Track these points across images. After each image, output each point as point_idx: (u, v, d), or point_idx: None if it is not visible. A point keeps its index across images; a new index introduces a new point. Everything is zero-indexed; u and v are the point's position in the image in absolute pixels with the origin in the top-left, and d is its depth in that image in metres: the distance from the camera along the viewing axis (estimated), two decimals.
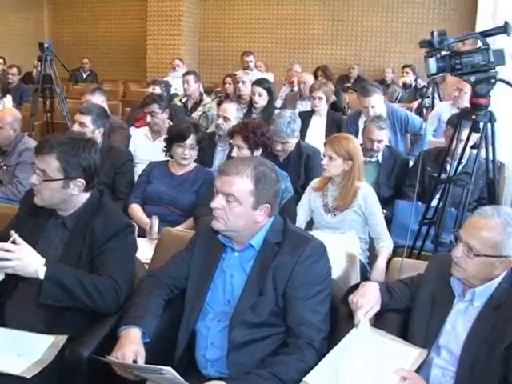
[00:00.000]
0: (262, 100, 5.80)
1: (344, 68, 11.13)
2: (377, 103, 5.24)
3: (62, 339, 2.32)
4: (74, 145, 2.49)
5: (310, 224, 3.78)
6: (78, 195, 2.51)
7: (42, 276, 2.25)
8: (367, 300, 2.27)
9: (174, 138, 3.98)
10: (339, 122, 5.77)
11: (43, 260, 2.29)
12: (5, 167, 4.41)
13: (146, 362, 2.11)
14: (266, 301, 2.19)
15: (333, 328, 2.27)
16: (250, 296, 2.21)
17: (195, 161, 4.05)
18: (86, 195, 2.55)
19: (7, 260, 2.22)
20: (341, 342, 2.17)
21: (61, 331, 2.34)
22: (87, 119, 4.23)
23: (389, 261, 3.29)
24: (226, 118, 4.71)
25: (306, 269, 2.20)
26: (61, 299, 2.31)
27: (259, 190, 2.22)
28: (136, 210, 3.93)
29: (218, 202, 2.22)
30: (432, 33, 3.08)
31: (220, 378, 2.10)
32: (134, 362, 2.09)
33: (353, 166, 3.56)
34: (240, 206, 2.21)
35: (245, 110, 5.88)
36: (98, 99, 5.31)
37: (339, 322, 2.32)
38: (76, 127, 4.21)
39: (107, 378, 2.14)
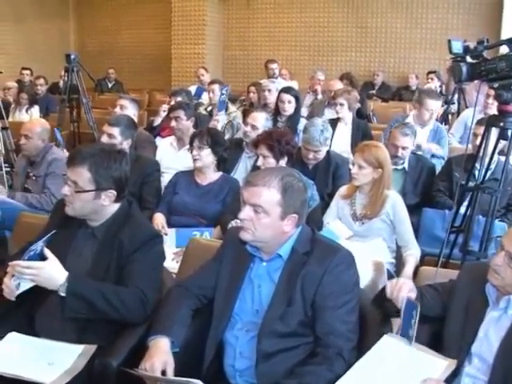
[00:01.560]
0: (291, 107, 5.78)
1: (368, 75, 11.09)
2: (436, 109, 5.26)
3: (91, 348, 2.33)
4: (106, 156, 2.52)
5: None
6: (108, 206, 2.54)
7: (62, 291, 2.28)
8: (405, 282, 2.27)
9: (190, 143, 4.05)
10: (364, 130, 5.76)
11: (66, 274, 2.30)
12: (33, 177, 4.46)
13: (175, 373, 2.12)
14: (294, 311, 2.19)
15: (361, 337, 2.25)
16: (278, 306, 2.21)
17: (219, 169, 4.07)
18: (116, 206, 2.58)
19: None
20: (369, 351, 2.16)
21: (90, 340, 2.35)
22: (116, 131, 4.25)
23: (416, 269, 3.27)
24: (254, 127, 4.73)
25: (335, 278, 2.20)
26: (83, 312, 2.33)
27: (286, 201, 2.22)
28: (156, 216, 3.95)
29: (245, 214, 2.23)
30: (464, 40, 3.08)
31: None
32: (163, 372, 2.09)
33: (382, 174, 3.54)
34: (268, 217, 2.21)
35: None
36: (130, 111, 5.33)
37: (367, 331, 2.31)
38: (104, 138, 4.23)
39: None
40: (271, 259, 2.32)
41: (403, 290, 2.23)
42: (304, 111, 7.19)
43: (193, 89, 8.43)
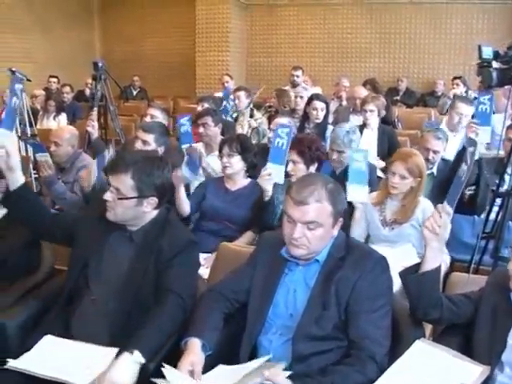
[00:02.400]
0: (322, 115, 5.83)
1: (392, 81, 11.08)
2: (467, 114, 5.28)
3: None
4: (149, 163, 2.55)
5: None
6: (149, 212, 2.57)
7: (142, 361, 2.23)
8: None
9: (219, 150, 4.05)
10: (390, 136, 5.74)
11: (128, 358, 2.23)
12: (63, 183, 4.51)
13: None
14: (329, 314, 2.21)
15: (393, 342, 2.25)
16: (313, 310, 2.23)
17: (249, 175, 4.08)
18: (155, 212, 2.60)
19: None
20: (401, 357, 2.16)
21: (124, 344, 2.36)
22: (150, 137, 4.27)
23: (446, 276, 3.25)
24: None
25: (369, 283, 2.21)
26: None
27: (336, 208, 2.26)
28: None
29: (299, 232, 2.23)
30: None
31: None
32: (191, 373, 2.12)
33: (420, 182, 3.53)
34: (322, 229, 2.24)
35: (297, 125, 5.91)
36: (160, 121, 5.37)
37: (399, 336, 2.31)
38: (139, 144, 4.26)
39: None
40: (308, 264, 2.33)
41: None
42: (329, 118, 7.20)
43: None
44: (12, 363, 2.29)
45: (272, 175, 3.54)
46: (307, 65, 11.19)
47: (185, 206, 3.86)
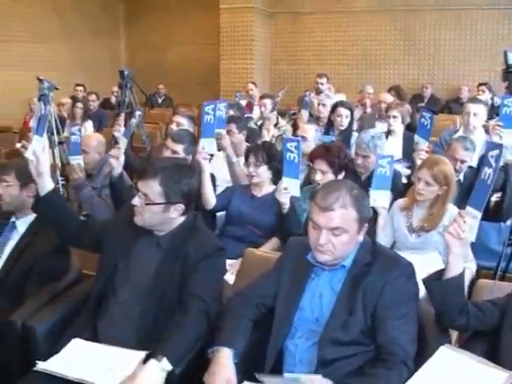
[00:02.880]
0: (346, 122, 5.84)
1: (417, 88, 11.04)
2: (476, 113, 5.17)
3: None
4: (177, 171, 2.60)
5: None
6: (176, 218, 2.60)
7: (169, 368, 2.27)
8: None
9: (245, 159, 4.08)
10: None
11: (156, 364, 2.26)
12: (91, 188, 4.57)
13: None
14: (355, 320, 2.22)
15: (419, 349, 2.25)
16: (340, 315, 2.24)
17: (275, 181, 4.09)
18: (182, 218, 2.64)
19: None
20: (427, 362, 2.17)
21: (153, 347, 2.38)
22: (180, 148, 4.29)
23: (472, 283, 3.24)
24: (304, 138, 4.76)
25: (396, 289, 2.22)
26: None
27: (361, 214, 2.26)
28: None
29: (324, 239, 2.24)
30: None
31: None
32: None
33: (447, 191, 3.50)
34: (347, 235, 2.25)
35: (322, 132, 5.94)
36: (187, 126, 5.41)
37: (425, 342, 2.31)
38: (168, 154, 4.28)
39: None
40: (334, 269, 2.34)
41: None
42: (354, 125, 7.20)
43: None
44: (40, 365, 2.34)
45: (288, 189, 3.57)
46: (331, 72, 11.17)
47: (209, 197, 3.94)
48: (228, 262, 3.57)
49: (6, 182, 3.08)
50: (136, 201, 2.56)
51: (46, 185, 2.63)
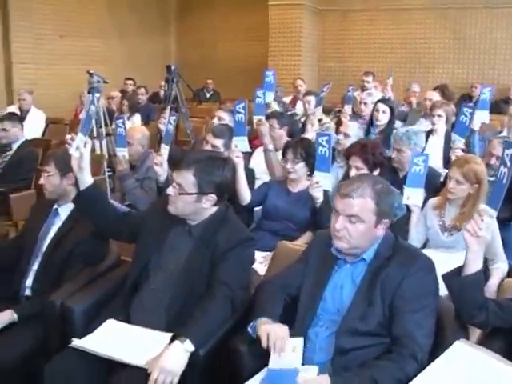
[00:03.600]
0: (384, 117, 5.80)
1: (466, 87, 10.89)
2: None
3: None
4: (210, 163, 2.70)
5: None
6: (208, 208, 2.71)
7: (192, 349, 2.37)
8: None
9: (283, 155, 4.16)
10: None
11: (179, 344, 2.36)
12: (134, 179, 4.71)
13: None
14: (374, 311, 2.27)
15: (437, 345, 2.28)
16: (359, 306, 2.31)
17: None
18: (214, 208, 2.74)
19: None
20: (442, 355, 2.18)
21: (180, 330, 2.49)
22: (219, 142, 4.42)
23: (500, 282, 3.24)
24: (346, 135, 4.81)
25: (414, 283, 2.26)
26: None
27: (380, 208, 2.33)
28: None
29: (340, 224, 2.33)
30: None
31: None
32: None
33: (479, 189, 3.49)
34: (363, 225, 2.32)
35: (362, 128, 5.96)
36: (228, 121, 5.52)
37: (444, 339, 2.33)
38: (208, 149, 4.39)
39: (218, 378, 2.31)
40: (355, 262, 2.41)
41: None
42: (399, 124, 7.18)
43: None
44: (76, 342, 2.49)
45: (320, 183, 3.64)
46: (379, 70, 11.13)
47: (244, 193, 4.03)
48: (262, 254, 3.69)
49: (47, 172, 3.23)
50: (170, 190, 2.67)
51: (86, 180, 2.77)
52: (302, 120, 7.10)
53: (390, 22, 11.67)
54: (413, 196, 3.67)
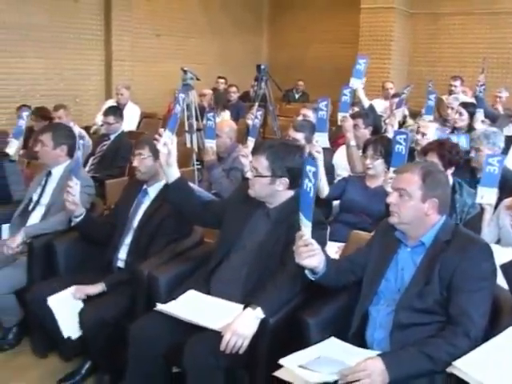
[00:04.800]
0: (460, 120, 5.87)
1: None
2: None
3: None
4: (283, 148, 2.96)
5: None
6: (282, 191, 2.95)
7: (262, 316, 2.61)
8: None
9: (363, 151, 4.32)
10: None
11: (251, 311, 2.61)
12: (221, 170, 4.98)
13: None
14: (431, 290, 2.40)
15: (491, 329, 2.36)
16: (417, 284, 2.45)
17: None
18: (290, 192, 2.98)
19: None
20: (497, 336, 2.27)
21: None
22: (300, 136, 4.65)
23: None
24: (424, 134, 4.91)
25: (472, 265, 2.37)
26: None
27: (427, 185, 2.49)
28: None
29: (392, 198, 2.56)
30: None
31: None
32: None
33: None
34: (411, 200, 2.50)
35: (448, 132, 6.03)
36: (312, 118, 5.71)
37: (499, 324, 2.41)
38: None
39: (285, 347, 2.46)
40: (415, 246, 2.57)
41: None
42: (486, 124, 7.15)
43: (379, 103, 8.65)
44: (159, 306, 2.80)
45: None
46: (470, 75, 11.00)
47: (323, 186, 4.24)
48: (337, 244, 3.86)
49: (142, 155, 3.54)
50: (249, 174, 2.98)
51: (174, 173, 3.07)
52: (387, 122, 7.18)
53: (483, 26, 11.45)
54: (486, 195, 3.74)
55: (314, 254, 2.50)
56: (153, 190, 3.60)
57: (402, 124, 6.98)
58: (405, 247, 2.61)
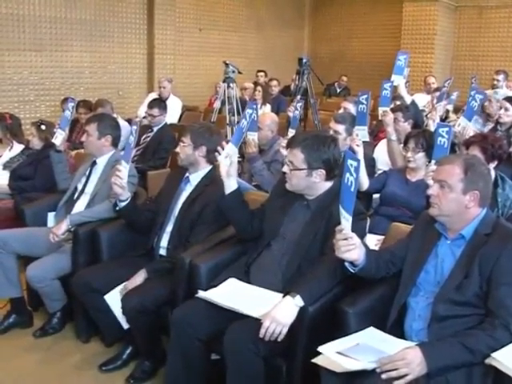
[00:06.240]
0: (506, 116, 5.79)
1: None
2: None
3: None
4: (317, 141, 2.97)
5: None
6: (320, 183, 2.98)
7: (301, 304, 2.62)
8: None
9: (404, 143, 4.31)
10: None
11: (290, 299, 2.63)
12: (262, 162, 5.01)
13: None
14: (470, 283, 2.40)
15: None
16: (456, 277, 2.45)
17: None
18: (328, 184, 3.01)
19: None
20: None
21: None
22: (341, 128, 4.63)
23: None
24: (463, 128, 4.87)
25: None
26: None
27: (468, 177, 2.47)
28: None
29: (433, 190, 2.55)
30: None
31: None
32: None
33: None
34: (451, 192, 2.49)
35: (490, 127, 5.95)
36: (353, 111, 5.70)
37: None
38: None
39: (324, 336, 2.49)
40: (455, 239, 2.56)
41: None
42: None
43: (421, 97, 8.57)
44: (201, 293, 2.86)
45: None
46: None
47: (362, 178, 4.23)
48: (377, 237, 3.87)
49: (183, 142, 3.60)
50: (285, 168, 3.01)
51: (232, 185, 3.15)
52: (429, 116, 7.13)
53: None
54: None
55: (353, 248, 2.50)
56: (195, 178, 3.65)
57: (444, 119, 6.92)
58: (445, 239, 2.60)
